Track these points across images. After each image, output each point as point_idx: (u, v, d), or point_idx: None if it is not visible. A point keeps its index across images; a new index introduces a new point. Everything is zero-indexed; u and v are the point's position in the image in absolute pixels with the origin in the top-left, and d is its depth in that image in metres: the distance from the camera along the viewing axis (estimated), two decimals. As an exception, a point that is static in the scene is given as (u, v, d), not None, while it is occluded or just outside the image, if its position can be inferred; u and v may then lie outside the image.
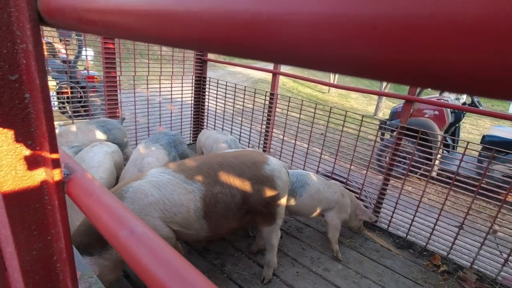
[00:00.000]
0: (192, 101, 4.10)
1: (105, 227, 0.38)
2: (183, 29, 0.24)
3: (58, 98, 4.05)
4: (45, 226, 0.53)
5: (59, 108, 4.02)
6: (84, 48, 3.29)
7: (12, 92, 0.43)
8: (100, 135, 2.73)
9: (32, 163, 0.48)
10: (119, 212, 0.40)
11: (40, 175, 0.49)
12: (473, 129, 9.11)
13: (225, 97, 3.81)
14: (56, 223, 0.52)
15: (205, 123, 4.20)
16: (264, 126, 3.56)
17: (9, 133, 0.45)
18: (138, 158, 2.40)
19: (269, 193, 1.87)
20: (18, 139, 0.45)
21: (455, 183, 2.31)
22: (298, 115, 3.15)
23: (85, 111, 3.72)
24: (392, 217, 2.71)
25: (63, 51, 3.96)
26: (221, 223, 1.79)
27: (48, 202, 0.51)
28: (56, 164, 0.48)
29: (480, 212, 2.62)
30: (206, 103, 4.11)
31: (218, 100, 3.92)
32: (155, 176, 1.72)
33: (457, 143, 4.84)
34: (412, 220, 2.57)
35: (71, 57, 3.99)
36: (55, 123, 3.29)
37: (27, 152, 0.47)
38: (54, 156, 0.48)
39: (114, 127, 2.83)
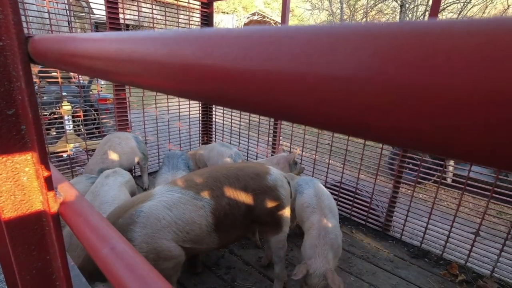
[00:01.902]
0: (200, 117, 4.19)
1: (90, 245, 0.42)
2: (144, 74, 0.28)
3: (73, 121, 4.23)
4: (43, 246, 0.57)
5: (74, 130, 4.19)
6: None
7: (10, 125, 0.48)
8: (134, 144, 3.20)
9: (30, 188, 0.52)
10: (103, 231, 0.43)
11: (37, 198, 0.53)
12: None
13: (232, 111, 3.88)
14: (53, 243, 0.55)
15: (213, 138, 4.26)
16: (271, 138, 3.59)
17: (8, 162, 0.49)
18: None
19: (273, 202, 1.90)
20: (16, 167, 0.50)
21: (468, 187, 2.25)
22: (304, 126, 3.16)
23: (98, 132, 3.86)
24: (404, 225, 2.64)
25: (78, 76, 4.16)
26: (230, 233, 1.82)
27: (46, 223, 0.55)
28: (50, 187, 0.53)
29: (499, 218, 2.52)
30: (214, 118, 4.19)
31: (225, 114, 3.99)
32: (165, 195, 1.73)
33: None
34: (426, 228, 2.50)
35: (85, 82, 4.18)
36: (71, 145, 3.43)
37: (25, 178, 0.51)
38: (49, 180, 0.52)
39: (141, 141, 3.38)
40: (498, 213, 3.29)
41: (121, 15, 3.16)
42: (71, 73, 4.82)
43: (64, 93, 3.57)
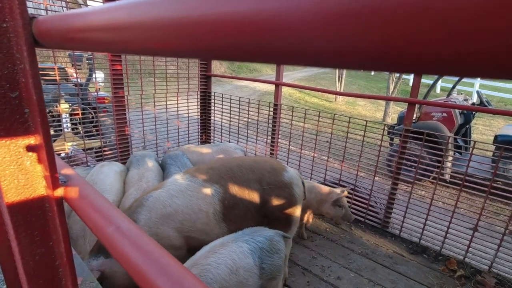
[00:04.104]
0: (198, 116, 4.19)
1: (95, 225, 0.42)
2: (155, 39, 0.28)
3: (71, 120, 4.21)
4: (46, 232, 0.57)
5: (72, 129, 4.17)
6: (93, 71, 3.45)
7: (13, 108, 0.48)
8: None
9: (33, 172, 0.52)
10: (108, 212, 0.43)
11: (40, 183, 0.53)
12: (486, 129, 8.88)
13: (230, 110, 3.88)
14: (56, 228, 0.55)
15: (212, 137, 4.26)
16: (269, 137, 3.59)
17: (11, 145, 0.49)
18: None
19: (287, 199, 1.89)
20: (19, 150, 0.50)
21: (466, 183, 2.26)
22: (303, 123, 3.17)
23: (96, 131, 3.84)
24: (403, 222, 2.65)
25: (75, 75, 4.15)
26: (241, 225, 1.78)
27: (49, 208, 0.55)
28: (54, 172, 0.53)
29: (497, 214, 2.54)
30: (212, 117, 4.19)
31: (223, 113, 3.99)
32: (174, 183, 1.76)
33: (469, 144, 4.74)
34: (424, 224, 2.51)
35: (83, 81, 4.17)
36: (69, 144, 3.42)
37: (28, 162, 0.51)
38: (52, 165, 0.52)
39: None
40: (496, 209, 3.31)
41: None
42: (68, 72, 4.80)
43: (62, 93, 3.56)
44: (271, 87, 12.92)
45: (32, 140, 0.51)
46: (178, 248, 1.69)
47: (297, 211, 1.95)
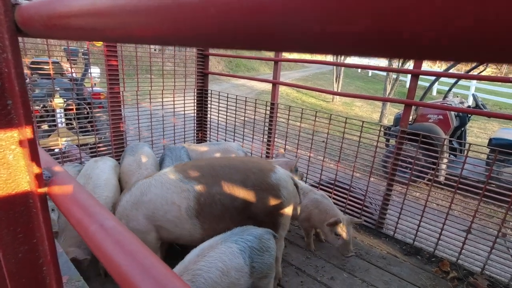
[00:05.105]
0: (195, 114, 4.16)
1: (78, 223, 0.40)
2: (139, 26, 0.26)
3: (65, 115, 4.16)
4: (30, 229, 0.55)
5: (66, 124, 4.12)
6: (89, 66, 3.40)
7: (-5, 99, 0.46)
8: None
9: (16, 167, 0.50)
10: (92, 209, 0.41)
11: (24, 178, 0.51)
12: (481, 132, 8.95)
13: (227, 109, 3.86)
14: (40, 225, 0.53)
15: (208, 135, 4.24)
16: (266, 136, 3.58)
17: (-7, 138, 0.47)
18: None
19: (273, 202, 1.83)
20: (2, 144, 0.48)
21: (460, 186, 2.27)
22: (299, 123, 3.16)
23: (91, 127, 3.80)
24: (397, 223, 2.65)
25: (71, 69, 4.10)
26: (217, 225, 1.77)
27: (33, 204, 0.53)
28: (38, 167, 0.51)
29: (491, 216, 2.55)
30: (209, 116, 4.17)
31: (220, 112, 3.97)
32: (160, 175, 1.85)
33: (464, 147, 4.77)
34: (418, 226, 2.52)
35: (78, 76, 4.12)
36: (63, 139, 3.38)
37: (11, 156, 0.49)
38: (36, 159, 0.50)
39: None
40: (489, 211, 3.33)
41: None
42: (64, 67, 4.74)
43: (56, 87, 3.51)
44: (269, 86, 12.88)
45: (15, 133, 0.48)
46: (144, 232, 1.76)
47: (284, 214, 1.89)
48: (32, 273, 0.57)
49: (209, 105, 4.11)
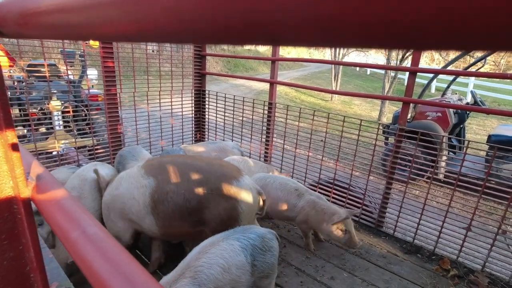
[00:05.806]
0: (193, 115, 4.15)
1: (60, 229, 0.39)
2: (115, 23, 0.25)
3: (63, 117, 4.14)
4: (15, 235, 0.53)
5: (64, 127, 4.11)
6: (86, 68, 3.39)
7: (-25, 102, 0.45)
8: None
9: (-1, 172, 0.49)
10: (75, 215, 0.40)
11: (7, 183, 0.50)
12: (480, 129, 8.94)
13: (225, 109, 3.85)
14: (25, 231, 0.52)
15: (206, 136, 4.22)
16: (264, 136, 3.56)
17: (-26, 143, 0.46)
18: None
19: (228, 212, 1.73)
20: (-17, 148, 0.46)
21: (459, 183, 2.25)
22: (297, 123, 3.15)
23: (89, 129, 3.78)
24: (397, 221, 2.64)
25: (67, 72, 4.09)
26: (171, 223, 1.76)
27: (17, 210, 0.52)
28: (21, 171, 0.49)
29: (491, 213, 2.54)
30: (207, 116, 4.15)
31: (218, 112, 3.95)
32: (131, 169, 1.91)
33: (463, 144, 4.76)
34: (418, 224, 2.50)
35: (75, 78, 4.10)
36: (60, 141, 3.36)
37: (-7, 161, 0.48)
38: (19, 164, 0.49)
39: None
40: (489, 208, 3.32)
41: None
42: (60, 69, 4.72)
43: (53, 90, 3.49)
44: (267, 86, 12.87)
45: (-4, 137, 0.47)
46: (122, 224, 1.84)
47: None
48: (18, 280, 0.56)
49: (207, 106, 4.10)
